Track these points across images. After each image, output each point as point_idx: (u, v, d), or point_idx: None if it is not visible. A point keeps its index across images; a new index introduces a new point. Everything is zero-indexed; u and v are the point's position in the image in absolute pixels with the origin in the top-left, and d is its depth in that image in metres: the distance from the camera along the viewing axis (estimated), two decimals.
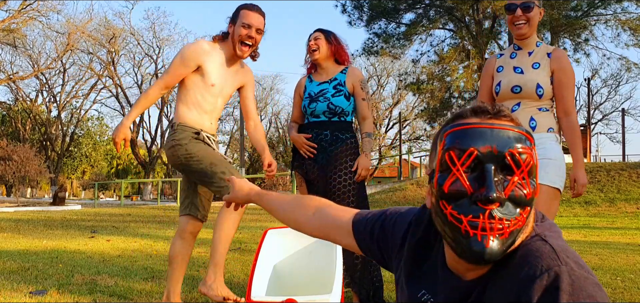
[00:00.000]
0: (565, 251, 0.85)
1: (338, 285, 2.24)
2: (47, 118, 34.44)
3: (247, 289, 2.28)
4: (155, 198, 28.84)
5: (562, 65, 2.38)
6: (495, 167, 0.88)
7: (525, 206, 0.89)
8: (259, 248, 2.50)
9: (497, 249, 0.87)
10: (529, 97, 2.39)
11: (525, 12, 2.38)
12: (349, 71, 2.96)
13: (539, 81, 2.37)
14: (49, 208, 15.78)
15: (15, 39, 27.62)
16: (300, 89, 3.05)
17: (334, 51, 2.95)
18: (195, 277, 3.72)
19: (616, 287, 3.45)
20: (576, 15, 19.57)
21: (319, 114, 2.90)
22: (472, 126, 0.91)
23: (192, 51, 2.57)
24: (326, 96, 2.90)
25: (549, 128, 2.39)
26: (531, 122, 2.39)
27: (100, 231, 7.44)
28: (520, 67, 2.43)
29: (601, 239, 6.79)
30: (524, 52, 2.46)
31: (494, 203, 0.86)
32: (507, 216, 0.87)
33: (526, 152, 0.89)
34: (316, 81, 2.98)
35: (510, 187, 0.88)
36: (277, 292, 2.49)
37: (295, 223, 1.38)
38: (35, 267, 4.06)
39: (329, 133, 2.88)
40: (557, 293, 0.79)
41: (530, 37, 2.45)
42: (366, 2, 22.19)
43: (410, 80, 24.45)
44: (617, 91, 52.70)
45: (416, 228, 1.13)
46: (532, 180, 0.90)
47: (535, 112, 2.40)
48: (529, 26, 2.40)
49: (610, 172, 13.64)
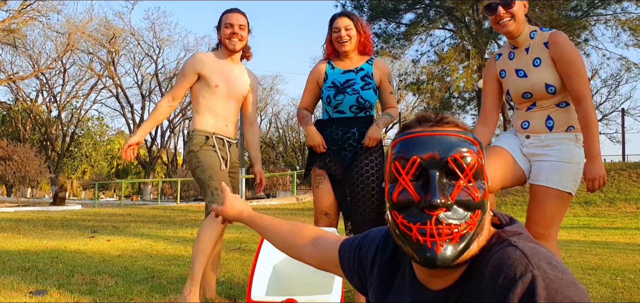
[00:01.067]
0: (536, 254, 0.85)
1: (338, 285, 2.24)
2: (48, 118, 34.45)
3: (247, 289, 2.28)
4: (156, 198, 28.84)
5: (559, 51, 2.17)
6: (439, 173, 0.89)
7: (475, 209, 0.90)
8: (259, 248, 2.50)
9: (450, 254, 0.88)
10: (543, 97, 2.23)
11: (507, 9, 2.20)
12: (375, 63, 2.78)
13: (546, 81, 2.20)
14: (49, 208, 15.78)
15: (15, 39, 27.63)
16: (319, 75, 2.80)
17: (362, 41, 2.74)
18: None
19: (616, 287, 3.46)
20: (576, 15, 19.56)
21: (345, 108, 2.69)
22: (413, 135, 0.93)
23: (190, 62, 2.85)
24: (355, 88, 2.68)
25: (569, 127, 2.22)
26: (548, 121, 2.24)
27: (101, 231, 7.45)
28: (522, 70, 2.28)
29: (601, 239, 6.79)
30: (521, 51, 2.29)
31: (439, 209, 0.88)
32: (455, 221, 0.88)
33: (470, 155, 0.90)
34: (339, 68, 2.75)
35: (456, 191, 0.89)
36: (277, 292, 2.49)
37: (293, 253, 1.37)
38: (35, 266, 4.06)
39: (356, 131, 2.69)
40: (533, 299, 0.79)
41: (522, 33, 2.26)
42: (366, 2, 22.20)
43: (410, 80, 24.47)
44: (617, 91, 52.58)
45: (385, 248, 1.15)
46: (479, 182, 0.91)
47: (553, 109, 2.24)
48: (515, 22, 2.22)
49: (610, 172, 13.64)
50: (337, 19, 2.72)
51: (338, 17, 2.74)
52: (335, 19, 2.74)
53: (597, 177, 2.14)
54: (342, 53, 2.74)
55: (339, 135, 2.70)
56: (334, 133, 2.72)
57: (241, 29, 2.83)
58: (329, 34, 2.78)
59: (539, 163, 2.26)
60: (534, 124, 2.28)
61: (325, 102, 2.76)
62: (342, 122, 2.71)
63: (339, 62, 2.78)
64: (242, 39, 2.85)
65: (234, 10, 2.88)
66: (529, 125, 2.30)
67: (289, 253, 1.38)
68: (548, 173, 2.21)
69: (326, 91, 2.74)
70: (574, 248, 5.63)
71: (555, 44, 2.19)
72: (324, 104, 2.79)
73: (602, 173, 2.15)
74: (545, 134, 2.25)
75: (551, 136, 2.25)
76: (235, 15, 2.85)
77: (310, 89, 2.85)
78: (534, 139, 2.28)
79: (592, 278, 3.77)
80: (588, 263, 4.49)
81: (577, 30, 19.81)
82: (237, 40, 2.83)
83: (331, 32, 2.75)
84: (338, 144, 2.72)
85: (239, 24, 2.82)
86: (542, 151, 2.25)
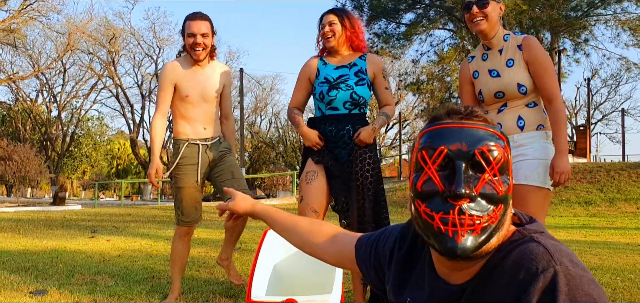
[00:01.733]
0: (559, 251, 0.85)
1: (338, 285, 2.24)
2: (48, 118, 34.45)
3: (247, 289, 2.28)
4: (155, 198, 28.84)
5: (533, 54, 2.29)
6: (466, 165, 0.90)
7: (498, 203, 0.90)
8: (259, 248, 2.50)
9: (470, 245, 0.88)
10: (514, 97, 2.34)
11: (481, 9, 2.31)
12: (368, 58, 2.74)
13: (518, 81, 2.30)
14: (49, 208, 15.78)
15: (15, 39, 27.61)
16: (311, 72, 2.75)
17: (349, 36, 2.69)
18: (195, 277, 3.73)
19: (616, 287, 3.46)
20: (576, 15, 19.57)
21: (339, 105, 2.64)
22: (442, 126, 0.94)
23: (165, 75, 2.91)
24: (348, 84, 2.63)
25: (539, 125, 2.33)
26: (519, 121, 2.33)
27: (101, 231, 7.45)
28: (495, 70, 2.36)
29: (601, 239, 6.79)
30: (494, 52, 2.38)
31: (463, 199, 0.88)
32: (478, 213, 0.89)
33: (497, 149, 0.91)
34: (331, 63, 2.71)
35: (481, 184, 0.90)
36: (277, 292, 2.49)
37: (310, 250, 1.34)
38: (35, 266, 4.06)
39: (351, 128, 2.63)
40: (555, 293, 0.79)
41: (496, 34, 2.37)
42: (366, 2, 22.21)
43: (410, 80, 24.49)
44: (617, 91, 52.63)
45: (402, 242, 1.15)
46: (504, 177, 0.92)
47: (523, 110, 2.33)
48: (488, 22, 2.33)
49: (610, 172, 13.65)
50: (324, 16, 2.71)
51: (326, 13, 2.72)
52: (322, 16, 2.73)
53: (564, 171, 2.21)
54: (330, 49, 2.70)
55: (333, 133, 2.65)
56: (328, 130, 2.66)
57: (204, 37, 2.84)
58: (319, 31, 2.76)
59: (515, 163, 2.32)
60: (506, 125, 2.36)
61: (318, 98, 2.69)
62: (335, 119, 2.65)
63: (331, 58, 2.74)
64: (205, 47, 2.86)
65: (195, 16, 2.86)
66: (501, 127, 2.34)
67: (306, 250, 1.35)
68: (527, 171, 2.28)
69: (319, 87, 2.68)
70: (574, 248, 5.63)
71: (529, 47, 2.30)
72: (317, 101, 2.72)
73: (569, 168, 2.23)
74: (517, 134, 2.33)
75: (523, 136, 2.32)
76: (196, 23, 2.83)
77: (301, 86, 2.78)
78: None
79: None
80: (588, 263, 4.49)
81: (577, 30, 19.82)
82: (200, 49, 2.84)
83: (320, 29, 2.73)
84: (332, 141, 2.67)
85: (201, 33, 2.82)
86: (517, 152, 2.32)
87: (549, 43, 21.05)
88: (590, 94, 29.67)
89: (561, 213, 11.52)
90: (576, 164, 16.33)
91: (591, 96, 32.98)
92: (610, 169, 13.97)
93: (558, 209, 11.88)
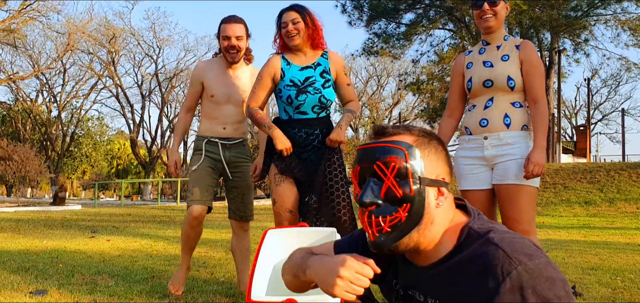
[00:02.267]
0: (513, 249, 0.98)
1: None
2: (48, 118, 34.44)
3: (247, 289, 2.28)
4: (156, 198, 28.85)
5: (528, 56, 2.41)
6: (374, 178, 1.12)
7: (402, 203, 1.09)
8: (259, 248, 2.50)
9: (384, 241, 1.10)
10: (501, 90, 2.42)
11: (491, 7, 2.43)
12: (330, 56, 2.71)
13: (509, 73, 2.40)
14: (49, 208, 15.78)
15: (15, 39, 27.59)
16: (275, 71, 2.67)
17: (311, 34, 2.64)
18: (195, 277, 3.73)
19: (616, 287, 3.46)
20: (576, 15, 19.57)
21: (308, 109, 2.63)
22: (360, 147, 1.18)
23: (194, 73, 3.05)
24: (316, 87, 2.62)
25: (523, 126, 2.41)
26: (505, 119, 2.40)
27: (101, 231, 7.45)
28: (490, 61, 2.46)
29: (601, 239, 6.79)
30: (492, 47, 2.50)
31: (368, 206, 1.11)
32: (383, 215, 1.10)
33: (393, 160, 1.10)
34: (296, 64, 2.66)
35: (384, 189, 1.10)
36: (277, 292, 2.49)
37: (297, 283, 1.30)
38: (35, 266, 4.06)
39: (319, 132, 2.64)
40: (523, 292, 0.93)
41: (498, 32, 2.49)
42: (366, 2, 22.20)
43: (410, 80, 24.49)
44: (617, 91, 52.68)
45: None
46: (403, 181, 1.10)
47: (509, 108, 2.41)
48: (496, 20, 2.45)
49: (610, 172, 13.65)
50: (284, 14, 2.63)
51: (286, 11, 2.64)
52: (282, 14, 2.65)
53: (539, 164, 2.28)
54: (293, 47, 2.64)
55: (303, 137, 2.63)
56: (298, 135, 2.64)
57: (238, 40, 2.90)
58: (278, 29, 2.68)
59: (503, 163, 2.39)
60: (492, 121, 2.42)
61: (285, 102, 2.65)
62: (305, 124, 2.64)
63: (293, 57, 2.68)
64: (240, 49, 2.93)
65: (231, 19, 2.93)
66: (487, 123, 2.43)
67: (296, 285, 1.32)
68: (517, 171, 2.35)
69: (286, 90, 2.63)
70: (574, 248, 5.63)
71: (526, 48, 2.44)
72: (283, 104, 2.68)
73: (543, 162, 2.31)
74: (503, 132, 2.40)
75: (509, 134, 2.39)
76: (231, 26, 2.90)
77: (265, 85, 2.68)
78: (492, 139, 2.42)
79: (592, 278, 3.77)
80: (588, 263, 4.49)
81: (577, 30, 19.83)
82: (234, 52, 2.92)
83: (280, 26, 2.66)
84: (301, 146, 2.65)
85: (236, 35, 2.89)
86: (504, 151, 2.39)
87: (549, 43, 21.06)
88: (590, 94, 29.68)
89: (561, 213, 11.52)
90: (576, 164, 16.33)
91: (591, 96, 32.99)
92: (610, 170, 13.98)
93: (558, 209, 11.88)
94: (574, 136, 34.75)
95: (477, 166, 2.47)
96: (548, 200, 12.56)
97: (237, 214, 3.09)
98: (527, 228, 2.34)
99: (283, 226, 2.56)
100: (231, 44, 2.89)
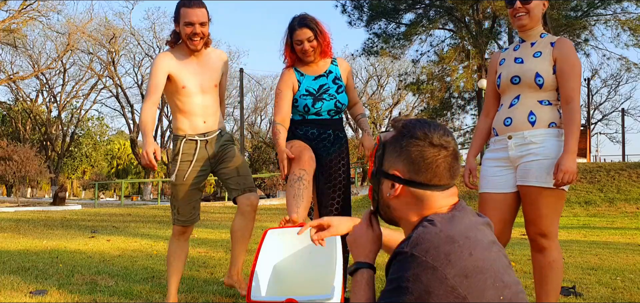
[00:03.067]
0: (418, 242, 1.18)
1: (338, 285, 2.24)
2: (47, 118, 34.43)
3: (247, 289, 2.28)
4: (155, 198, 28.84)
5: (564, 53, 2.26)
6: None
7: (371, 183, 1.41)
8: (259, 248, 2.50)
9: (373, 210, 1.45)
10: (529, 87, 2.29)
11: (524, 4, 2.32)
12: (339, 63, 2.81)
13: (538, 70, 2.27)
14: (49, 208, 15.78)
15: (15, 39, 27.60)
16: (293, 82, 2.71)
17: (323, 48, 2.69)
18: (195, 277, 3.73)
19: (616, 287, 3.45)
20: (576, 15, 19.57)
21: (323, 113, 2.73)
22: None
23: (158, 63, 2.68)
24: (331, 94, 2.72)
25: (551, 123, 2.26)
26: (530, 116, 2.27)
27: (101, 231, 7.45)
28: (521, 58, 2.35)
29: (601, 239, 6.79)
30: (526, 44, 2.38)
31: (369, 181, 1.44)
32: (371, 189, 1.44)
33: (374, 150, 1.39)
34: (309, 74, 2.74)
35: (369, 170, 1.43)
36: (277, 292, 2.49)
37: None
38: (35, 266, 4.06)
39: (331, 132, 2.76)
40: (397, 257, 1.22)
41: (534, 29, 2.37)
42: (366, 2, 22.20)
43: (410, 80, 24.46)
44: (617, 91, 52.60)
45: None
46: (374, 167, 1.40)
47: (535, 105, 2.27)
48: (530, 17, 2.33)
49: (610, 172, 13.65)
50: (298, 31, 2.62)
51: (298, 28, 2.62)
52: (295, 31, 2.64)
53: (570, 171, 2.14)
54: (308, 62, 2.71)
55: (315, 135, 2.73)
56: (310, 132, 2.73)
57: (202, 26, 2.63)
58: (288, 43, 2.68)
59: (525, 163, 2.26)
60: (516, 120, 2.29)
61: (302, 111, 2.71)
62: (318, 123, 2.73)
63: (306, 68, 2.73)
64: (203, 36, 2.66)
65: (192, 3, 2.63)
66: (511, 122, 2.31)
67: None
68: (537, 172, 2.21)
69: (302, 99, 2.69)
70: (574, 248, 5.63)
71: (562, 45, 2.28)
72: (300, 111, 2.73)
73: (574, 169, 2.16)
74: (528, 130, 2.26)
75: (534, 133, 2.25)
76: (194, 11, 2.61)
77: (287, 97, 2.69)
78: (516, 139, 2.28)
79: (592, 278, 3.77)
80: (588, 263, 4.49)
81: (577, 31, 19.82)
82: (198, 39, 2.65)
83: (292, 41, 2.66)
84: (313, 143, 2.72)
85: (200, 22, 2.62)
86: (527, 151, 2.25)
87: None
88: (590, 94, 29.68)
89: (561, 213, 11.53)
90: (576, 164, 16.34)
91: (591, 96, 33.00)
92: (610, 170, 13.97)
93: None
94: None
95: (501, 168, 2.36)
96: None
97: (240, 187, 2.78)
98: (545, 231, 2.22)
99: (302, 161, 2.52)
100: (195, 31, 2.61)
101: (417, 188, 1.28)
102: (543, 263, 2.23)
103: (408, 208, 1.30)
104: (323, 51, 2.69)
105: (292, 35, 2.64)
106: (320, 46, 2.66)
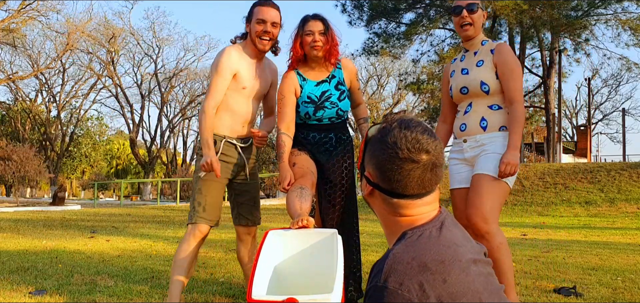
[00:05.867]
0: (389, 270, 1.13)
1: (339, 284, 2.23)
2: (47, 118, 34.41)
3: (247, 289, 2.27)
4: (155, 198, 28.84)
5: (503, 58, 2.45)
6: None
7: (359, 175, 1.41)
8: (260, 248, 2.49)
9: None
10: (477, 95, 2.49)
11: (470, 14, 2.50)
12: (343, 64, 2.74)
13: (482, 79, 2.46)
14: (48, 208, 15.77)
15: (15, 38, 27.58)
16: (295, 86, 2.65)
17: (329, 49, 2.62)
18: (195, 277, 3.72)
19: (616, 287, 3.45)
20: (576, 15, 19.54)
21: (325, 119, 2.70)
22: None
23: (225, 61, 2.57)
24: (333, 101, 2.66)
25: (501, 127, 2.46)
26: (482, 122, 2.48)
27: (100, 231, 7.43)
28: (467, 68, 2.55)
29: (601, 239, 6.78)
30: (470, 54, 2.58)
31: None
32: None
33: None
34: (311, 79, 2.66)
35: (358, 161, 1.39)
36: (278, 292, 2.48)
37: None
38: (35, 267, 4.05)
39: (333, 136, 2.74)
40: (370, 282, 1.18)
41: (476, 38, 2.56)
42: (366, 2, 22.18)
43: (410, 80, 24.45)
44: (618, 91, 52.74)
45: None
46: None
47: (486, 111, 2.48)
48: (474, 28, 2.52)
49: (611, 172, 13.63)
50: (311, 22, 2.58)
51: (311, 19, 2.59)
52: (308, 21, 2.59)
53: (512, 163, 2.34)
54: (312, 58, 2.62)
55: (317, 138, 2.71)
56: (311, 136, 2.71)
57: (274, 26, 2.59)
58: (299, 36, 2.61)
59: (477, 159, 2.49)
60: (470, 126, 2.52)
61: (303, 117, 2.68)
62: (319, 127, 2.71)
63: (308, 71, 2.67)
64: (273, 38, 2.62)
65: (267, 2, 2.61)
66: (465, 127, 2.53)
67: None
68: (483, 163, 2.42)
69: (304, 107, 2.64)
70: (575, 248, 5.62)
71: (500, 51, 2.47)
72: (301, 117, 2.70)
73: (517, 162, 2.36)
74: (480, 134, 2.49)
75: (486, 136, 2.47)
76: (269, 10, 2.58)
77: (290, 102, 2.62)
78: (470, 142, 2.52)
79: (592, 278, 3.76)
80: (589, 263, 4.48)
81: (577, 30, 19.80)
82: (267, 40, 2.59)
83: (303, 34, 2.59)
84: (314, 147, 2.71)
85: (272, 21, 2.58)
86: (480, 151, 2.48)
87: (549, 43, 21.05)
88: (590, 94, 29.67)
89: (562, 213, 11.51)
90: (577, 164, 16.32)
91: (592, 96, 32.99)
92: (611, 170, 13.96)
93: (559, 209, 11.87)
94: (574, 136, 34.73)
95: (461, 165, 2.60)
96: (548, 200, 12.55)
97: (249, 219, 2.77)
98: (485, 215, 2.33)
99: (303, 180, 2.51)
100: (266, 29, 2.56)
101: (384, 194, 1.24)
102: (492, 248, 2.35)
103: (383, 209, 1.28)
104: (329, 51, 2.62)
105: (304, 26, 2.60)
106: (325, 47, 2.60)
